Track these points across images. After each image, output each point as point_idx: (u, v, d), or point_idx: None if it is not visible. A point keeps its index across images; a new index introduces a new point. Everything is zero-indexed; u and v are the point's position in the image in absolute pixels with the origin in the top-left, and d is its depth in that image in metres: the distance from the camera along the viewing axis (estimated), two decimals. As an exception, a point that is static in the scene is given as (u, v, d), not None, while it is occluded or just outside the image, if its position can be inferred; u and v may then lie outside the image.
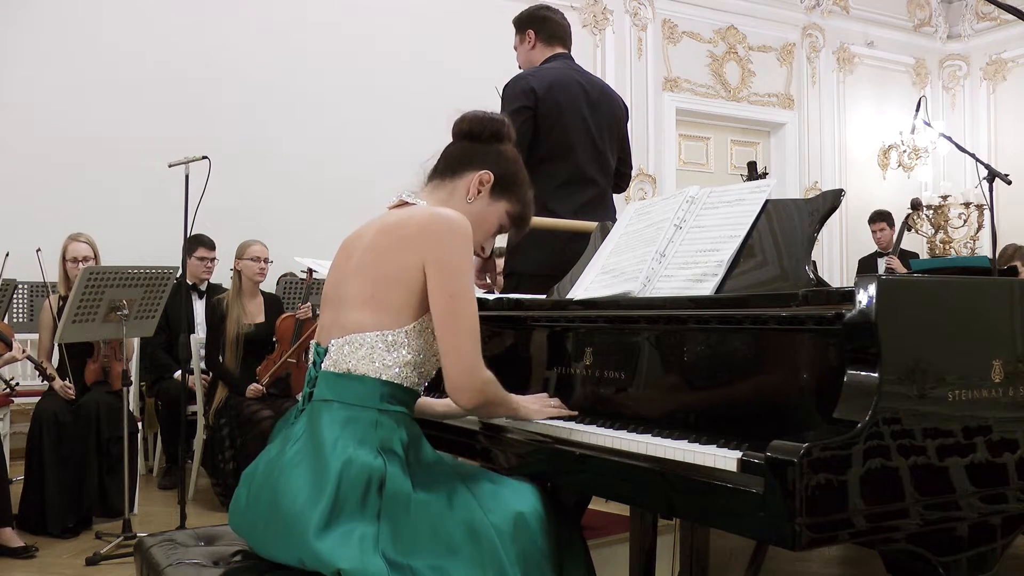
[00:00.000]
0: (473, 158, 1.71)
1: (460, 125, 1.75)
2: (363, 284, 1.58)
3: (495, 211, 1.73)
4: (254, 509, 1.53)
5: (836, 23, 8.25)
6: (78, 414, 3.81)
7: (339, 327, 1.58)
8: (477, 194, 1.70)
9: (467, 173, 1.70)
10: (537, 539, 1.53)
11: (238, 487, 1.61)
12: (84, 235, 4.13)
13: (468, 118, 1.75)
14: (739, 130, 7.96)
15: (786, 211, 1.62)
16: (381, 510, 1.44)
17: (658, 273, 1.72)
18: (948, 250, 7.72)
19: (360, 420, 1.51)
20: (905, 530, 1.23)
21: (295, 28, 6.04)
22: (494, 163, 1.71)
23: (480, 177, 1.69)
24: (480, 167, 1.70)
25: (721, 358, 1.49)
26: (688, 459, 1.32)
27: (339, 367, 1.55)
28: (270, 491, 1.50)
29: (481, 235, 1.73)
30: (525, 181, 1.76)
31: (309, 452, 1.49)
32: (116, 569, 3.25)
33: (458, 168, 1.71)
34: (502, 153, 1.74)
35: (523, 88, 2.87)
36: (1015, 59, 8.32)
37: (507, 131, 1.76)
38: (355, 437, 1.49)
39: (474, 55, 6.08)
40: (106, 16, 5.60)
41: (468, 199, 1.69)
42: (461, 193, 1.70)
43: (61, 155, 5.39)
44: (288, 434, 1.57)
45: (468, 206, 1.69)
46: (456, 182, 1.71)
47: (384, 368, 1.54)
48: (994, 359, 1.31)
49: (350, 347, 1.54)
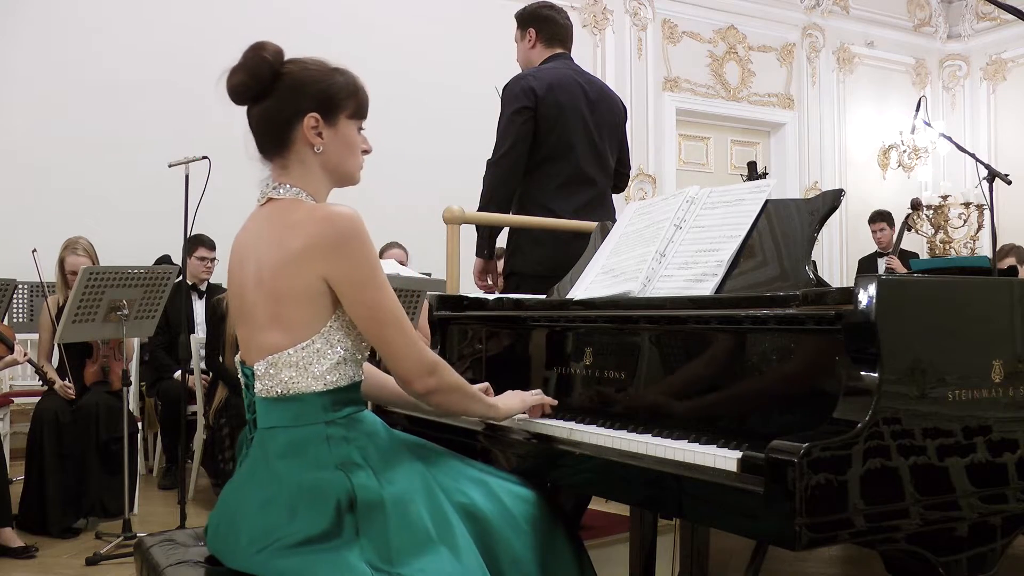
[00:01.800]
0: (282, 114, 1.51)
1: (233, 86, 1.51)
2: (266, 303, 1.47)
3: (345, 128, 1.55)
4: (229, 554, 1.49)
5: (836, 23, 8.25)
6: (78, 414, 3.80)
7: (256, 349, 1.49)
8: (319, 138, 1.52)
9: (293, 132, 1.51)
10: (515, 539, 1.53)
11: (208, 529, 1.57)
12: (82, 244, 4.04)
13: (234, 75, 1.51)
14: (739, 130, 7.96)
15: (786, 211, 1.62)
16: (359, 525, 1.40)
17: (658, 273, 1.72)
18: (948, 250, 7.72)
19: (310, 441, 1.44)
20: (905, 530, 1.23)
21: (295, 28, 6.03)
22: (304, 101, 1.50)
23: (308, 124, 1.51)
24: (297, 116, 1.50)
25: (721, 358, 1.49)
26: (688, 459, 1.32)
27: (271, 392, 1.47)
28: (235, 535, 1.46)
29: (355, 154, 1.58)
30: (330, 75, 1.54)
31: (268, 488, 1.44)
32: (116, 569, 3.25)
33: (281, 133, 1.52)
34: (295, 82, 1.51)
35: (523, 88, 2.87)
36: (1015, 59, 8.32)
37: (276, 57, 1.52)
38: (309, 461, 1.43)
39: (474, 55, 6.08)
40: (106, 16, 5.59)
41: (317, 150, 1.52)
42: (308, 151, 1.52)
43: (61, 155, 5.39)
44: (244, 471, 1.52)
45: (324, 154, 1.52)
46: (294, 146, 1.52)
47: (316, 378, 1.45)
48: (994, 359, 1.31)
49: (274, 369, 1.46)
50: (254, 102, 1.54)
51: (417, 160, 5.87)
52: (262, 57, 1.51)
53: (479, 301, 2.13)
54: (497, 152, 2.88)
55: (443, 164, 5.47)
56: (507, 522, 1.54)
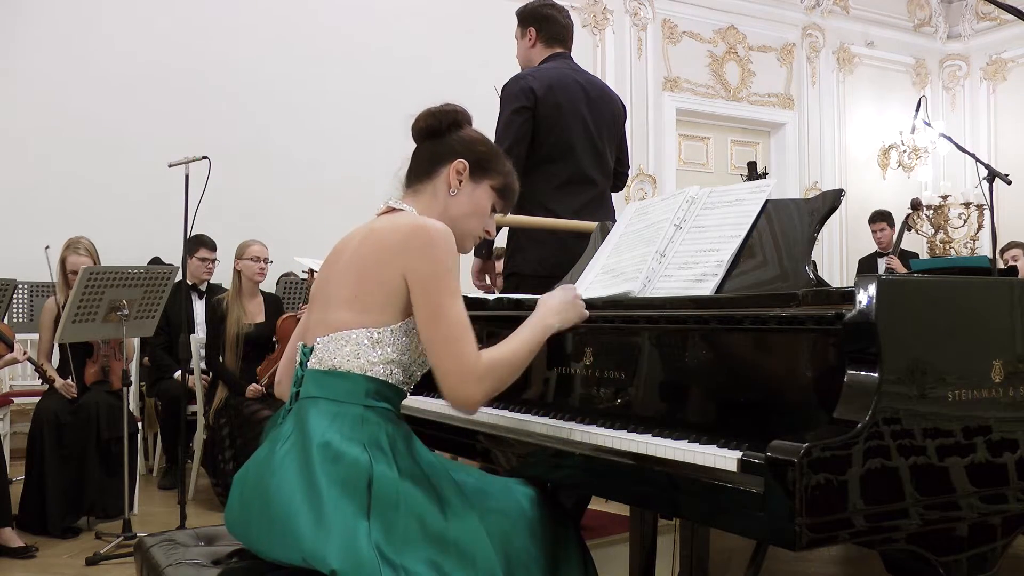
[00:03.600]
0: (442, 152, 1.71)
1: (418, 124, 1.75)
2: (347, 286, 1.59)
3: (482, 193, 1.72)
4: (248, 512, 1.53)
5: (836, 23, 8.25)
6: (78, 414, 3.80)
7: (324, 326, 1.59)
8: (459, 184, 1.70)
9: (441, 169, 1.70)
10: (528, 540, 1.54)
11: (231, 491, 1.61)
12: (83, 244, 4.03)
13: (423, 116, 1.74)
14: (739, 130, 7.96)
15: (786, 211, 1.62)
16: (371, 507, 1.44)
17: (658, 273, 1.72)
18: (948, 250, 7.72)
19: (346, 416, 1.52)
20: (905, 530, 1.23)
21: (296, 28, 6.05)
22: (463, 150, 1.71)
23: (455, 168, 1.69)
24: (451, 159, 1.70)
25: (721, 358, 1.49)
26: (688, 459, 1.32)
27: (324, 364, 1.56)
28: (262, 492, 1.50)
29: (478, 220, 1.74)
30: (497, 154, 1.76)
31: (298, 449, 1.50)
32: (116, 569, 3.25)
33: (430, 167, 1.71)
34: (466, 138, 1.73)
35: (522, 88, 2.87)
36: (1015, 59, 8.33)
37: (462, 116, 1.75)
38: (342, 432, 1.49)
39: (474, 55, 6.09)
40: (107, 16, 5.60)
41: (452, 192, 1.69)
42: (443, 189, 1.70)
43: (61, 155, 5.39)
44: (277, 434, 1.58)
45: (455, 199, 1.69)
46: (435, 181, 1.70)
47: (369, 365, 1.54)
48: (994, 359, 1.31)
49: (335, 344, 1.55)
50: (422, 139, 1.74)
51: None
52: (454, 110, 1.74)
53: (479, 301, 2.13)
54: (497, 152, 2.87)
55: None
56: (522, 523, 1.56)
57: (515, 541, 1.53)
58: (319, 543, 1.39)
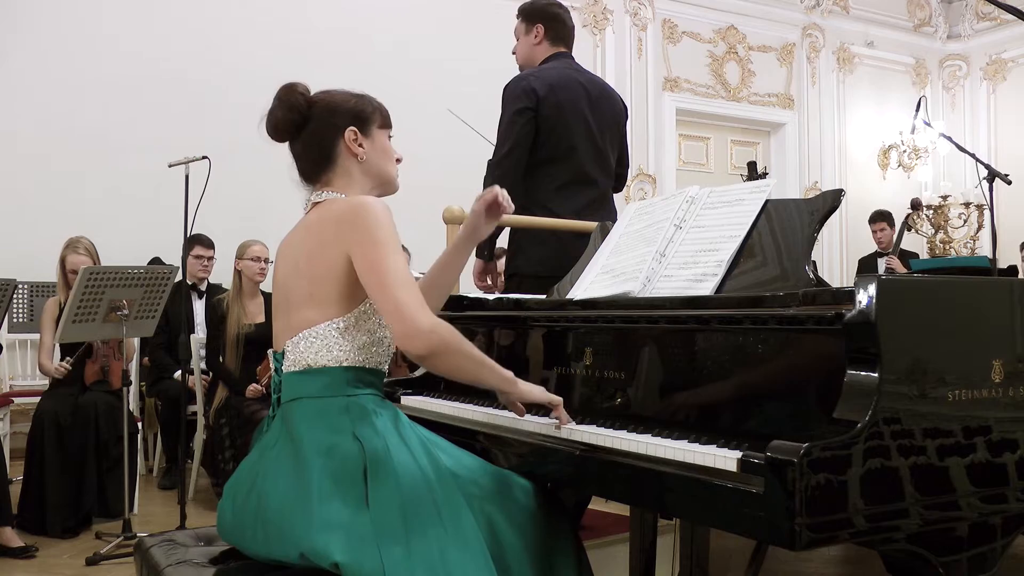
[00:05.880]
0: (323, 134, 1.68)
1: (278, 126, 1.69)
2: (301, 285, 1.61)
3: (378, 136, 1.72)
4: (241, 517, 1.54)
5: (836, 23, 8.25)
6: (78, 414, 3.80)
7: (290, 329, 1.60)
8: (360, 147, 1.69)
9: (336, 149, 1.68)
10: (522, 530, 1.55)
11: (222, 500, 1.61)
12: (83, 244, 4.03)
13: (275, 118, 1.69)
14: (739, 130, 7.96)
15: (786, 211, 1.62)
16: (368, 494, 1.44)
17: (658, 273, 1.72)
18: (948, 250, 7.72)
19: (331, 409, 1.53)
20: (905, 530, 1.23)
21: (296, 28, 6.04)
22: (340, 119, 1.68)
23: (348, 139, 1.68)
24: (337, 133, 1.67)
25: (721, 358, 1.49)
26: (688, 459, 1.32)
27: (299, 365, 1.57)
28: (256, 496, 1.50)
29: (389, 159, 1.74)
30: (358, 96, 1.74)
31: (288, 451, 1.51)
32: (116, 569, 3.25)
33: (326, 152, 1.68)
34: (330, 105, 1.70)
35: (524, 89, 2.86)
36: (1015, 59, 8.32)
37: (303, 89, 1.71)
38: (330, 426, 1.50)
39: (474, 55, 6.08)
40: (106, 16, 5.59)
41: (361, 159, 1.69)
42: (352, 163, 1.68)
43: (61, 155, 5.39)
44: (264, 441, 1.59)
45: (366, 163, 1.69)
46: (338, 161, 1.68)
47: (343, 355, 1.56)
48: (994, 359, 1.31)
49: (305, 343, 1.57)
50: (296, 133, 1.70)
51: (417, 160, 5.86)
52: (295, 92, 1.69)
53: (479, 301, 2.13)
54: (498, 153, 2.87)
55: (443, 164, 5.46)
56: (517, 514, 1.56)
57: (509, 529, 1.53)
58: (319, 538, 1.39)
